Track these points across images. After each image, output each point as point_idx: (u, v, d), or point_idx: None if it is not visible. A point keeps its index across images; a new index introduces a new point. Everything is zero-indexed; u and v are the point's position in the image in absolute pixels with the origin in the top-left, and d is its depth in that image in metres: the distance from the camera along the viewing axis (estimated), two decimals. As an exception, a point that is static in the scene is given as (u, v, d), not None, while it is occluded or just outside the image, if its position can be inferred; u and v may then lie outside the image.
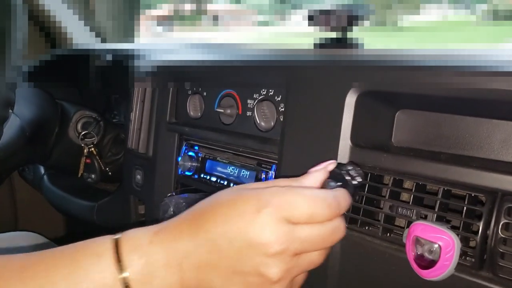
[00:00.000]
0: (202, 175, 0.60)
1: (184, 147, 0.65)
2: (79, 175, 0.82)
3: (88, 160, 0.82)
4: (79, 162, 0.83)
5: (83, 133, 0.81)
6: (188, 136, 0.64)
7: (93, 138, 0.82)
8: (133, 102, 0.72)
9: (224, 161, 0.58)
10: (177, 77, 0.66)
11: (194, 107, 0.63)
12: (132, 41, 1.17)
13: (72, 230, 1.19)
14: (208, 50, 0.67)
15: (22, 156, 0.78)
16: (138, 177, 0.71)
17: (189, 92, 0.64)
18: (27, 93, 0.82)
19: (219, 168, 0.58)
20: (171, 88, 0.67)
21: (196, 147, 0.63)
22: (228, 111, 0.56)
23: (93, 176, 0.82)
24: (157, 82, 0.68)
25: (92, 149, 0.81)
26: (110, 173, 0.84)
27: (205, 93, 0.61)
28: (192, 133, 0.63)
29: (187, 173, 0.62)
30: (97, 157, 0.81)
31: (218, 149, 0.59)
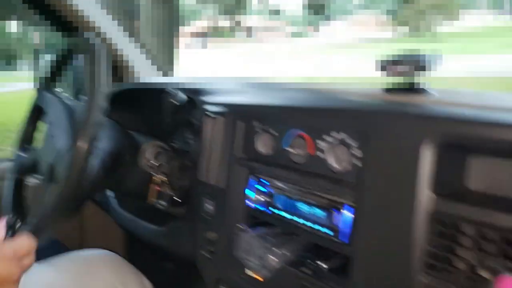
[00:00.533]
0: (273, 210, 0.65)
1: (254, 182, 0.69)
2: (150, 202, 0.88)
3: (158, 188, 0.88)
4: (149, 189, 0.89)
5: (153, 162, 0.87)
6: (258, 171, 0.68)
7: (162, 167, 0.88)
8: (203, 136, 0.78)
9: (295, 197, 0.62)
10: (247, 115, 0.71)
11: (263, 145, 0.68)
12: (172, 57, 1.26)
13: (135, 246, 1.27)
14: (278, 90, 0.72)
15: (100, 185, 0.85)
16: (209, 206, 0.76)
17: (258, 130, 0.68)
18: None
19: (290, 205, 0.62)
20: (240, 125, 0.72)
21: (266, 182, 0.67)
22: (299, 151, 0.60)
23: (162, 202, 0.88)
24: (226, 119, 0.74)
25: (162, 177, 0.87)
26: (177, 200, 0.90)
27: (275, 132, 0.66)
28: (262, 169, 0.67)
29: (257, 207, 0.67)
30: (166, 184, 0.88)
31: (289, 186, 0.63)
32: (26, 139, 0.96)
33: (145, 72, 1.22)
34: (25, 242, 0.60)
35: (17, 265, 0.57)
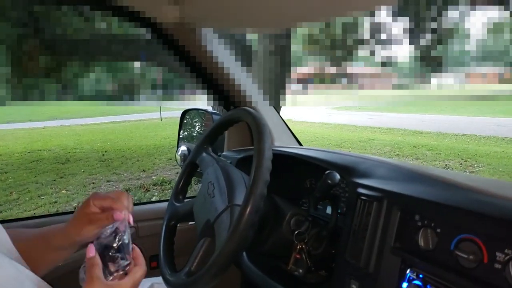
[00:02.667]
0: (432, 309, 0.63)
1: (408, 273, 0.69)
2: (288, 268, 0.92)
3: (297, 256, 0.92)
4: (287, 254, 0.94)
5: (296, 231, 0.91)
6: (415, 265, 0.68)
7: (304, 235, 0.92)
8: (353, 217, 0.80)
9: (461, 303, 0.60)
10: (405, 206, 0.72)
11: (424, 239, 0.67)
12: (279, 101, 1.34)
13: None
14: (439, 185, 0.72)
15: (247, 244, 0.92)
16: (354, 287, 0.77)
17: (419, 223, 0.69)
18: None
19: (453, 308, 0.61)
20: (395, 213, 0.73)
21: (422, 276, 0.67)
22: (470, 257, 0.59)
23: (300, 270, 0.91)
24: (381, 205, 0.75)
25: (303, 245, 0.91)
26: (312, 268, 0.92)
27: (438, 230, 0.65)
28: (421, 264, 0.67)
29: (413, 301, 0.66)
30: (306, 253, 0.91)
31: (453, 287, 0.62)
32: (181, 191, 1.09)
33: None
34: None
35: None
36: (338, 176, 0.82)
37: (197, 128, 1.68)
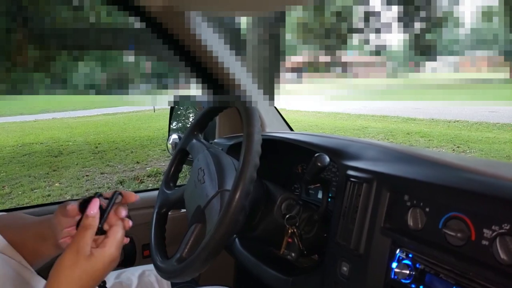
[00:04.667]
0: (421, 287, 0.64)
1: (397, 253, 0.69)
2: (281, 252, 0.93)
3: (289, 239, 0.92)
4: (279, 239, 0.94)
5: (287, 215, 0.92)
6: (405, 245, 0.68)
7: (295, 219, 0.92)
8: (343, 200, 0.80)
9: (450, 281, 0.60)
10: (395, 187, 0.72)
11: (413, 219, 0.68)
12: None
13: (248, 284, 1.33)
14: (429, 165, 0.72)
15: (238, 229, 0.92)
16: (345, 269, 0.78)
17: (408, 203, 0.69)
18: None
19: (442, 286, 0.61)
20: (385, 194, 0.73)
21: (412, 256, 0.67)
22: (458, 234, 0.59)
23: (293, 254, 0.92)
24: (370, 187, 0.75)
25: (295, 229, 0.91)
26: (305, 252, 0.93)
27: (427, 209, 0.66)
28: (411, 244, 0.67)
29: (402, 280, 0.67)
30: (297, 237, 0.91)
31: (442, 266, 0.62)
32: (171, 179, 1.08)
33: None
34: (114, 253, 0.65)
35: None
36: (327, 159, 0.82)
37: (190, 119, 1.67)
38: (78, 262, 0.61)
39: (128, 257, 1.38)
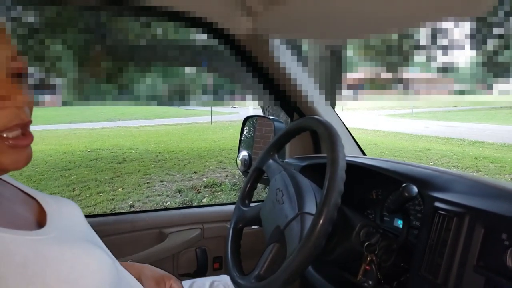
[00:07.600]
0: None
1: (494, 294, 0.66)
2: (358, 279, 0.91)
3: (367, 267, 0.91)
4: (355, 265, 0.93)
5: (366, 242, 0.90)
6: (502, 286, 0.65)
7: (374, 247, 0.90)
8: (431, 231, 0.78)
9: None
10: (490, 223, 0.69)
11: (511, 259, 0.64)
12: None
13: None
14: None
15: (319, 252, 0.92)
16: None
17: (507, 242, 0.65)
18: None
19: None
20: (479, 230, 0.70)
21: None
22: None
23: (370, 282, 0.90)
24: (462, 221, 0.72)
25: (373, 257, 0.90)
26: (382, 281, 0.91)
27: (530, 250, 0.62)
28: (508, 285, 0.63)
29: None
30: (376, 265, 0.90)
31: None
32: (247, 196, 1.11)
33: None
34: None
35: None
36: (415, 189, 0.80)
37: (257, 134, 1.71)
38: None
39: (201, 268, 1.42)
